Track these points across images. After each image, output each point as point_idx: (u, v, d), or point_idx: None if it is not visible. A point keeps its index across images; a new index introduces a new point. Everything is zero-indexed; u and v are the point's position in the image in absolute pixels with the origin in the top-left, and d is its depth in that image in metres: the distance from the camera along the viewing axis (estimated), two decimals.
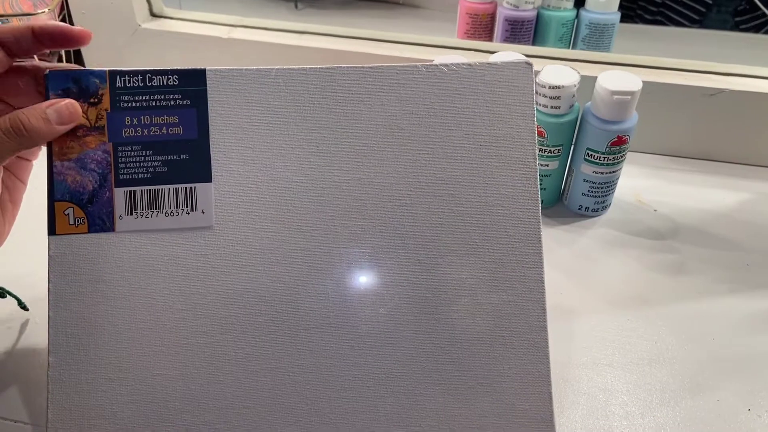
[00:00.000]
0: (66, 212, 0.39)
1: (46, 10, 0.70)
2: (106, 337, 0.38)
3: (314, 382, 0.39)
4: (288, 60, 0.70)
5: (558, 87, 0.53)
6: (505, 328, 0.40)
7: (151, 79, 0.40)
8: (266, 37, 0.70)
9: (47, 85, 0.39)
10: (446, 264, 0.40)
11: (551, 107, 0.54)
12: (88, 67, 0.71)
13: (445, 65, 0.41)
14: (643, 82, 0.53)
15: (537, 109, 0.55)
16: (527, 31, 0.71)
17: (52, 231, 0.39)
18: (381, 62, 0.68)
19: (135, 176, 0.40)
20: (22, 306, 0.49)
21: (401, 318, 0.39)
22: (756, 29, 0.85)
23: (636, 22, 0.88)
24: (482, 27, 0.73)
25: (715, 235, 0.59)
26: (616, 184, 0.59)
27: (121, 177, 0.39)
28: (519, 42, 0.72)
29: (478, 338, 0.39)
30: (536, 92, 0.54)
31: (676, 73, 0.65)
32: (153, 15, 0.73)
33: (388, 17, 0.88)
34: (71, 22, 0.74)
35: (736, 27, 0.86)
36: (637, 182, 0.64)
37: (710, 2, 0.85)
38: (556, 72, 0.54)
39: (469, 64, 0.41)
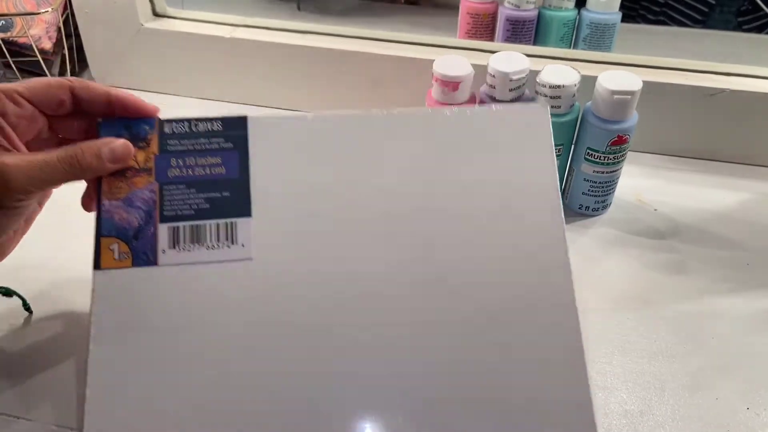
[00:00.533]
0: (111, 247, 0.41)
1: (50, 9, 0.70)
2: (147, 370, 0.38)
3: (357, 411, 0.38)
4: (290, 59, 0.70)
5: (558, 86, 0.53)
6: (543, 353, 0.40)
7: (196, 125, 0.43)
8: (269, 37, 0.71)
9: (99, 132, 0.42)
10: (480, 293, 0.41)
11: (552, 107, 0.54)
12: (90, 66, 0.72)
13: (469, 109, 0.43)
14: (644, 82, 0.53)
15: None
16: (528, 30, 0.71)
17: (97, 265, 0.40)
18: (383, 62, 0.68)
19: (179, 212, 0.41)
20: (27, 307, 0.49)
21: (438, 345, 0.40)
22: (759, 29, 0.85)
23: (639, 23, 0.88)
24: (483, 27, 0.73)
25: (716, 235, 0.59)
26: (616, 183, 0.59)
27: (165, 213, 0.41)
28: (520, 42, 0.72)
29: (517, 366, 0.40)
30: (536, 92, 0.54)
31: (677, 72, 0.65)
32: (156, 14, 0.74)
33: (391, 17, 0.89)
34: (74, 22, 0.74)
35: (739, 27, 0.86)
36: (638, 182, 0.64)
37: (713, 2, 0.85)
38: (557, 71, 0.54)
39: (490, 108, 0.44)
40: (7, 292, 0.49)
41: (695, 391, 0.45)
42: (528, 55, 0.56)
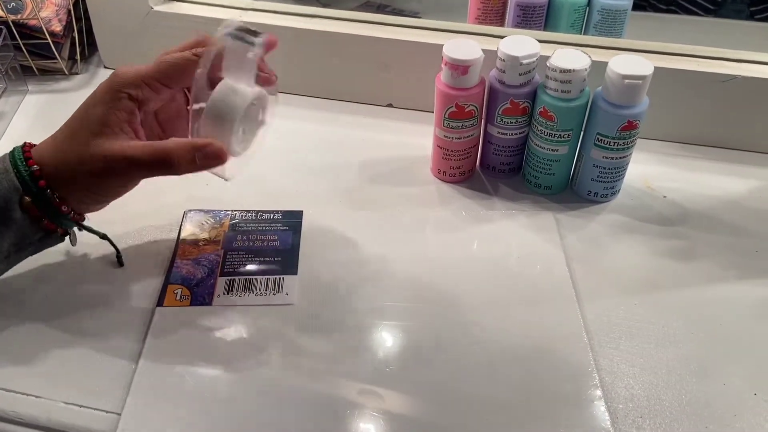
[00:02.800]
0: (175, 291, 0.49)
1: None
2: (182, 392, 0.43)
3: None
4: (297, 43, 0.70)
5: (569, 71, 0.52)
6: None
7: (261, 215, 0.56)
8: (277, 21, 0.70)
9: (182, 221, 0.55)
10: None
11: (562, 91, 0.54)
12: (99, 49, 0.72)
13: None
14: (655, 68, 0.53)
15: (547, 93, 0.54)
16: (539, 16, 0.71)
17: (159, 304, 0.48)
18: (392, 46, 0.68)
19: (236, 269, 0.51)
20: (119, 257, 0.51)
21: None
22: None
23: (649, 12, 0.87)
24: (494, 12, 0.72)
25: (724, 222, 0.59)
26: (625, 169, 0.59)
27: (225, 270, 0.51)
28: (530, 27, 0.71)
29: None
30: (547, 76, 0.54)
31: (689, 59, 0.65)
32: None
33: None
34: (84, 5, 0.74)
35: (751, 17, 0.85)
36: (647, 168, 0.64)
37: None
38: (567, 56, 0.53)
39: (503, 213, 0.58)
40: (103, 236, 0.50)
41: (702, 376, 0.45)
42: (539, 41, 0.56)
